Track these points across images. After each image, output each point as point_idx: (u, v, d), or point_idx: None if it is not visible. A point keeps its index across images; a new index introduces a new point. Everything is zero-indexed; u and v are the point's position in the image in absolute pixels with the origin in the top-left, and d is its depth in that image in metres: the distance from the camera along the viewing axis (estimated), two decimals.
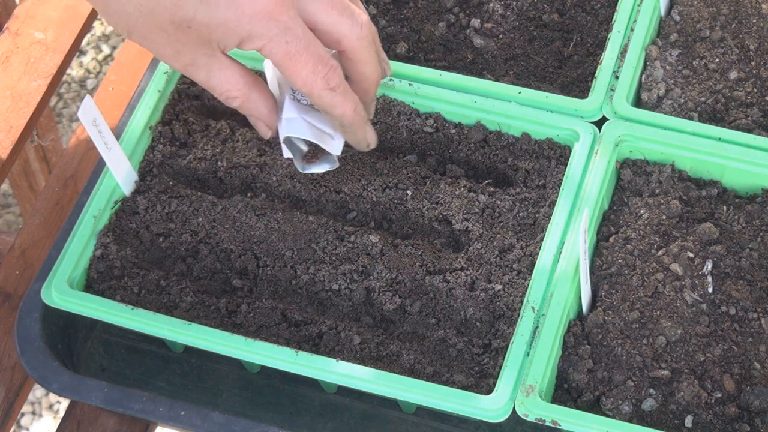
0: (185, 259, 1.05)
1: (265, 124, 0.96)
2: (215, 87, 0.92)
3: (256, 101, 0.94)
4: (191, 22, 0.88)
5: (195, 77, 0.92)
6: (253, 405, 1.05)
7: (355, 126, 0.96)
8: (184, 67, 0.91)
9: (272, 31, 0.88)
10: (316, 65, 0.90)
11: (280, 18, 0.88)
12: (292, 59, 0.89)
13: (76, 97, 2.35)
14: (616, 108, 1.09)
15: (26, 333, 1.04)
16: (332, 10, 0.91)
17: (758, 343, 0.98)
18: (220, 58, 0.91)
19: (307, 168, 1.01)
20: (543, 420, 0.94)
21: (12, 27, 1.29)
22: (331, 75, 0.91)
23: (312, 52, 0.90)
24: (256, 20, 0.88)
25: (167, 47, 0.89)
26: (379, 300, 1.01)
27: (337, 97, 0.92)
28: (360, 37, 0.93)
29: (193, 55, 0.90)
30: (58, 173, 1.22)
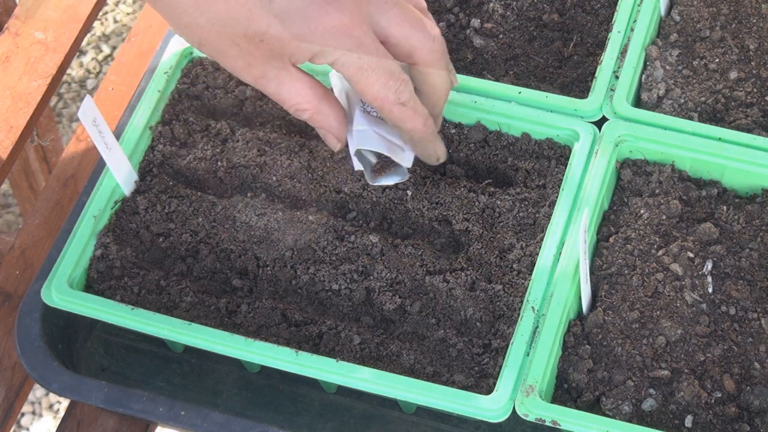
0: (185, 259, 1.05)
1: (335, 136, 0.96)
2: (285, 99, 0.92)
3: (327, 113, 0.94)
4: (264, 36, 0.88)
5: (265, 89, 0.92)
6: (253, 405, 1.05)
7: (426, 140, 0.97)
8: (255, 80, 0.91)
9: (345, 46, 0.88)
10: (388, 80, 0.90)
11: (353, 33, 0.88)
12: (364, 74, 0.90)
13: (76, 97, 2.35)
14: (616, 108, 1.09)
15: (26, 333, 1.04)
16: (405, 23, 0.91)
17: (758, 343, 0.98)
18: (291, 70, 0.91)
19: (378, 180, 1.01)
20: (543, 420, 0.94)
21: (12, 27, 1.29)
22: (402, 89, 0.91)
23: (384, 66, 0.90)
24: (329, 35, 0.88)
25: (239, 60, 0.90)
26: (379, 300, 1.01)
27: (408, 111, 0.93)
28: (432, 50, 0.93)
29: (265, 68, 0.90)
30: (58, 173, 1.22)
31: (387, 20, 0.91)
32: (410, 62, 0.93)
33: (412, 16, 0.92)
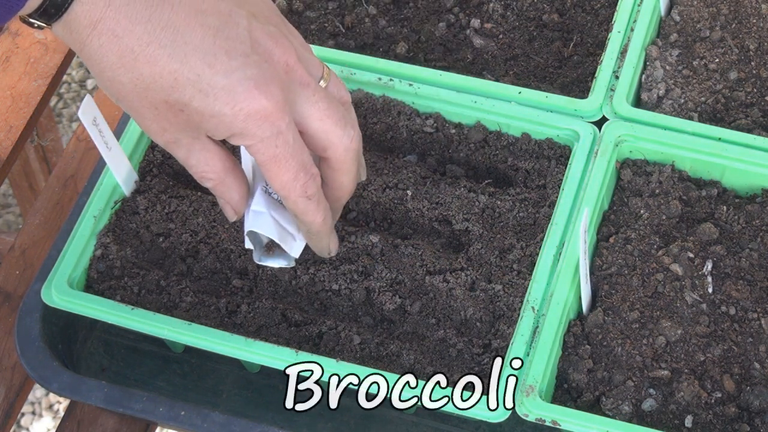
0: (185, 259, 1.05)
1: (233, 209, 0.96)
2: (192, 166, 0.92)
3: (230, 187, 0.94)
4: (185, 106, 0.87)
5: (174, 153, 0.91)
6: (253, 405, 1.05)
7: (322, 234, 0.97)
8: (166, 143, 0.90)
9: (264, 133, 0.87)
10: (298, 172, 0.90)
11: (276, 122, 0.87)
12: (277, 163, 0.89)
13: (76, 97, 2.35)
14: (616, 108, 1.09)
15: (26, 333, 1.04)
16: (327, 119, 0.91)
17: (758, 343, 0.98)
18: (204, 140, 0.90)
19: (264, 260, 1.01)
20: (543, 420, 0.94)
21: (12, 27, 1.29)
22: (310, 184, 0.91)
23: (298, 159, 0.89)
24: (251, 120, 0.87)
25: (154, 123, 0.89)
26: (379, 300, 1.01)
27: (311, 205, 0.92)
28: (347, 149, 0.92)
29: (178, 135, 0.89)
30: (58, 173, 1.22)
31: (310, 112, 0.90)
32: (323, 156, 0.93)
33: (336, 113, 0.91)
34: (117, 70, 0.86)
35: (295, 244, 0.98)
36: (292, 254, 0.98)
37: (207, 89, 0.85)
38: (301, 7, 1.22)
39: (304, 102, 0.89)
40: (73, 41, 0.86)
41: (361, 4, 1.21)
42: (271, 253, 1.00)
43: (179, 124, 0.88)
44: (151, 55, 0.85)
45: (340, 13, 1.21)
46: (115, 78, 0.86)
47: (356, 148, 0.93)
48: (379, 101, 1.12)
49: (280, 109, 0.87)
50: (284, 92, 0.87)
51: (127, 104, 0.88)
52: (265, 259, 1.00)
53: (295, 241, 0.98)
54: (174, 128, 0.88)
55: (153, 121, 0.88)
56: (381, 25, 1.20)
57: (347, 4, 1.21)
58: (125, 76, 0.86)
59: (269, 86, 0.87)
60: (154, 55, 0.85)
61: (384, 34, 1.19)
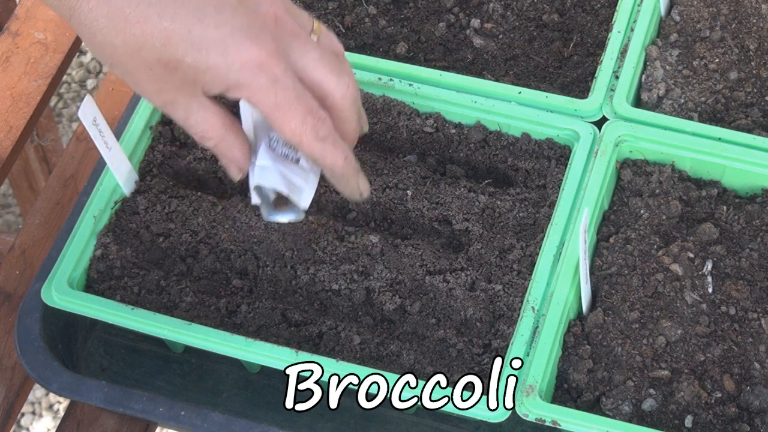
0: (185, 259, 1.05)
1: (237, 166, 0.96)
2: (192, 126, 0.92)
3: (231, 144, 0.94)
4: (179, 63, 0.87)
5: (172, 115, 0.91)
6: (253, 405, 1.05)
7: (347, 175, 0.96)
8: (164, 105, 0.90)
9: (261, 82, 0.87)
10: (306, 116, 0.90)
11: (271, 69, 0.87)
12: (281, 110, 0.89)
13: (76, 97, 2.35)
14: (616, 108, 1.09)
15: (26, 333, 1.04)
16: (322, 66, 0.91)
17: (758, 343, 0.98)
18: (201, 98, 0.90)
19: (272, 216, 1.01)
20: (543, 420, 0.94)
21: (12, 27, 1.29)
22: (320, 125, 0.90)
23: (302, 103, 0.89)
24: (246, 69, 0.87)
25: (149, 84, 0.88)
26: (379, 300, 1.01)
27: (327, 146, 0.92)
28: (344, 96, 0.92)
29: (175, 95, 0.89)
30: (58, 173, 1.22)
31: (304, 62, 0.90)
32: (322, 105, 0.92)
33: (330, 61, 0.91)
34: (108, 33, 0.86)
35: (303, 195, 0.97)
36: (301, 205, 0.97)
37: (199, 44, 0.85)
38: (301, 7, 1.22)
39: (296, 52, 0.89)
40: (62, 8, 0.86)
41: (361, 4, 1.21)
42: (279, 209, 1.00)
43: (175, 83, 0.88)
44: (141, 14, 0.85)
45: (340, 13, 1.21)
46: (107, 41, 0.86)
47: (354, 95, 0.93)
48: (379, 101, 1.12)
49: (273, 56, 0.87)
50: (276, 41, 0.87)
51: (121, 68, 0.88)
52: (274, 215, 0.99)
53: (303, 192, 0.97)
54: (170, 88, 0.88)
55: (148, 83, 0.88)
56: (381, 25, 1.20)
57: (347, 4, 1.21)
58: (117, 38, 0.86)
59: (259, 36, 0.87)
60: (144, 14, 0.85)
61: (384, 34, 1.19)
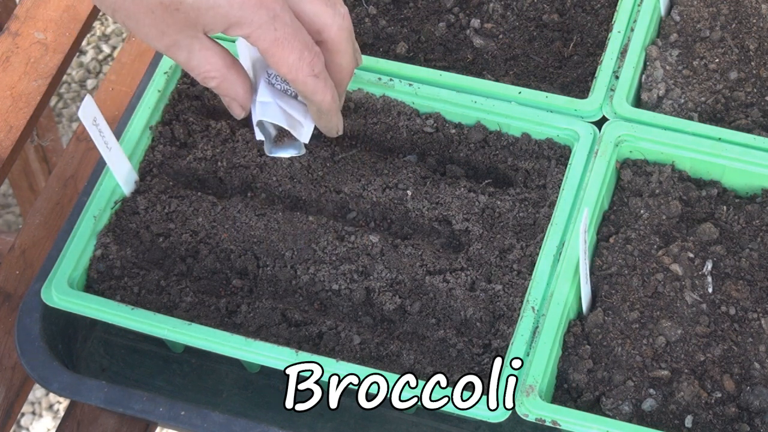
0: (185, 259, 1.05)
1: (240, 104, 0.98)
2: (194, 67, 0.93)
3: (233, 82, 0.95)
4: (180, 4, 0.88)
5: (175, 57, 0.93)
6: (253, 405, 1.05)
7: (330, 113, 0.98)
8: (166, 48, 0.92)
9: (261, 18, 0.89)
10: (303, 51, 0.91)
11: (270, 5, 0.89)
12: (280, 46, 0.90)
13: (76, 97, 2.35)
14: (616, 108, 1.09)
15: (26, 333, 1.04)
16: (317, 0, 0.92)
17: (758, 343, 0.98)
18: (203, 39, 0.92)
19: (275, 151, 1.03)
20: (543, 420, 0.94)
21: (12, 27, 1.29)
22: (316, 61, 0.93)
23: (299, 39, 0.91)
24: (246, 7, 0.88)
25: (152, 28, 0.90)
26: (379, 300, 1.01)
27: (320, 83, 0.94)
28: (341, 28, 0.94)
29: (177, 36, 0.91)
30: (58, 173, 1.22)
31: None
32: (318, 39, 0.94)
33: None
34: None
35: (303, 130, 1.00)
36: (302, 139, 1.00)
37: None
38: None
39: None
40: None
41: (361, 4, 1.21)
42: (281, 144, 1.01)
43: (177, 25, 0.89)
44: None
45: None
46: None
47: (349, 26, 0.95)
48: (379, 101, 1.12)
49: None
50: None
51: (123, 13, 0.89)
52: (275, 151, 1.02)
53: (303, 127, 1.00)
54: (172, 30, 0.89)
55: (151, 26, 0.89)
56: (381, 25, 1.20)
57: (347, 4, 1.21)
58: None
59: None
60: None
61: (384, 34, 1.19)
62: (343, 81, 0.98)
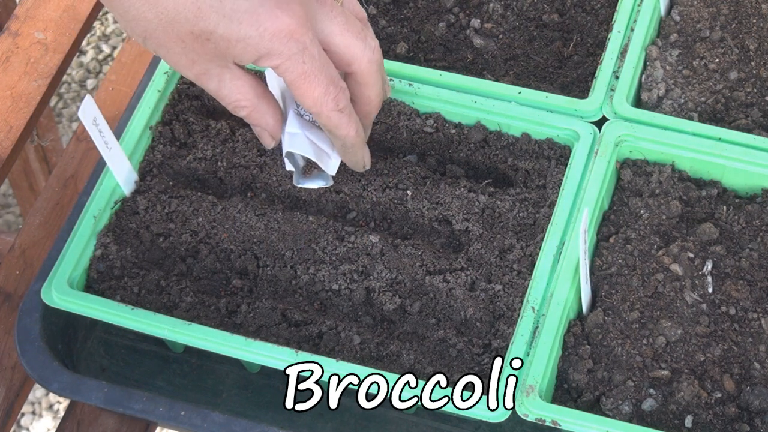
0: (185, 259, 1.05)
1: (270, 134, 0.97)
2: (225, 96, 0.93)
3: (264, 112, 0.95)
4: (211, 34, 0.88)
5: (206, 86, 0.93)
6: (253, 405, 1.05)
7: (356, 147, 0.98)
8: (197, 76, 0.92)
9: (291, 51, 0.89)
10: (328, 86, 0.91)
11: (300, 38, 0.89)
12: (307, 79, 0.90)
13: (76, 97, 2.35)
14: (616, 108, 1.09)
15: (26, 333, 1.04)
16: (347, 32, 0.92)
17: (758, 343, 0.98)
18: (233, 68, 0.92)
19: (302, 182, 1.03)
20: (543, 420, 0.94)
21: (12, 27, 1.29)
22: (341, 97, 0.93)
23: (326, 73, 0.91)
24: (276, 39, 0.88)
25: (182, 56, 0.90)
26: (379, 300, 1.01)
27: (344, 118, 0.94)
28: (370, 61, 0.94)
29: (208, 65, 0.91)
30: (58, 173, 1.22)
31: (331, 28, 0.92)
32: (348, 71, 0.94)
33: (355, 27, 0.93)
34: (141, 7, 0.87)
35: (330, 162, 1.00)
36: (329, 171, 1.00)
37: (230, 14, 0.87)
38: None
39: (323, 19, 0.91)
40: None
41: (362, 4, 1.21)
42: (309, 176, 1.02)
43: (207, 54, 0.89)
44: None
45: None
46: (140, 16, 0.88)
47: (379, 59, 0.95)
48: None
49: (302, 25, 0.88)
50: (304, 8, 0.89)
51: (154, 42, 0.89)
52: (303, 182, 1.02)
53: (331, 159, 1.00)
54: (202, 59, 0.90)
55: (181, 55, 0.89)
56: (381, 25, 1.20)
57: None
58: (150, 12, 0.87)
59: (290, 4, 0.88)
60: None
61: (384, 34, 1.19)
62: (370, 113, 0.98)
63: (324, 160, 1.00)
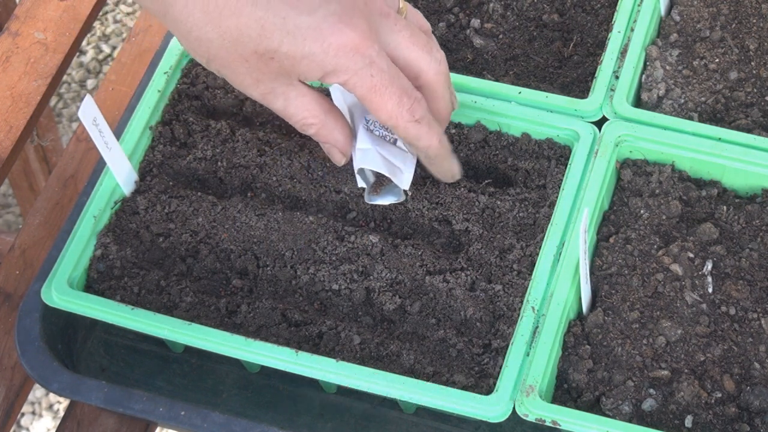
0: (185, 259, 1.05)
1: (340, 150, 0.97)
2: (292, 115, 0.92)
3: (332, 128, 0.94)
4: (275, 53, 0.87)
5: (271, 105, 0.92)
6: (253, 405, 1.05)
7: (441, 157, 0.97)
8: (262, 96, 0.91)
9: (357, 65, 0.88)
10: (401, 98, 0.90)
11: (366, 52, 0.88)
12: (377, 93, 0.89)
13: (76, 97, 2.35)
14: (616, 108, 1.09)
15: (26, 333, 1.04)
16: (413, 45, 0.91)
17: (758, 343, 0.98)
18: (298, 86, 0.91)
19: (374, 199, 1.02)
20: (543, 420, 0.94)
21: (12, 27, 1.29)
22: (416, 107, 0.91)
23: (397, 85, 0.90)
24: (342, 54, 0.87)
25: (247, 76, 0.89)
26: (379, 300, 1.01)
27: (423, 129, 0.93)
28: (437, 73, 0.93)
29: (273, 84, 0.90)
30: (58, 173, 1.22)
31: (396, 41, 0.91)
32: (416, 84, 0.93)
33: (420, 39, 0.92)
34: (204, 27, 0.87)
35: (403, 177, 0.99)
36: (402, 186, 0.99)
37: (294, 31, 0.86)
38: None
39: (388, 32, 0.90)
40: (156, 5, 0.87)
41: None
42: (380, 192, 1.01)
43: (272, 73, 0.88)
44: (235, 6, 0.86)
45: None
46: (203, 36, 0.87)
47: (446, 71, 0.94)
48: None
49: (367, 38, 0.87)
50: (368, 22, 0.88)
51: (218, 63, 0.89)
52: (374, 198, 1.01)
53: (403, 173, 0.99)
54: (267, 78, 0.89)
55: (246, 75, 0.89)
56: None
57: None
58: (213, 32, 0.87)
59: (353, 18, 0.87)
60: (238, 5, 0.86)
61: None
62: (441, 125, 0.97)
63: (397, 175, 0.99)
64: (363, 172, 1.00)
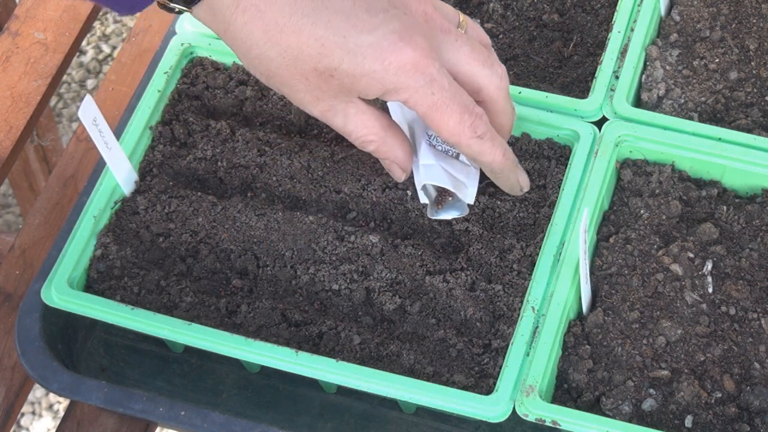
0: (185, 259, 1.05)
1: (400, 167, 0.96)
2: (351, 132, 0.92)
3: (392, 144, 0.94)
4: (335, 71, 0.87)
5: (331, 122, 0.92)
6: (253, 405, 1.05)
7: (507, 170, 0.97)
8: (322, 113, 0.91)
9: (418, 83, 0.88)
10: (463, 115, 0.90)
11: (426, 70, 0.88)
12: (439, 110, 0.89)
13: (76, 97, 2.35)
14: (616, 108, 1.09)
15: (26, 333, 1.04)
16: (474, 60, 0.91)
17: (758, 343, 0.98)
18: (358, 103, 0.91)
19: (437, 214, 1.02)
20: (543, 420, 0.94)
21: (12, 27, 1.29)
22: (478, 123, 0.91)
23: (458, 102, 0.90)
24: (402, 72, 0.87)
25: (306, 93, 0.89)
26: (379, 300, 1.01)
27: (486, 144, 0.92)
28: (499, 88, 0.93)
29: (332, 101, 0.90)
30: (58, 173, 1.22)
31: (457, 57, 0.91)
32: (477, 99, 0.93)
33: (481, 54, 0.92)
34: (264, 45, 0.87)
35: (468, 191, 0.99)
36: (467, 200, 0.99)
37: (354, 49, 0.86)
38: None
39: (448, 48, 0.90)
40: (216, 23, 0.87)
41: None
42: (442, 206, 1.01)
43: (331, 91, 0.88)
44: (296, 24, 0.86)
45: None
46: (263, 54, 0.87)
47: (506, 85, 0.94)
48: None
49: (427, 56, 0.87)
50: (428, 40, 0.88)
51: (278, 80, 0.89)
52: (437, 213, 1.01)
53: (468, 188, 0.99)
54: (327, 96, 0.89)
55: (306, 92, 0.89)
56: None
57: None
58: (273, 50, 0.87)
59: (413, 36, 0.87)
60: (299, 24, 0.86)
61: None
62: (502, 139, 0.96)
63: (461, 189, 0.99)
64: (425, 188, 1.00)
